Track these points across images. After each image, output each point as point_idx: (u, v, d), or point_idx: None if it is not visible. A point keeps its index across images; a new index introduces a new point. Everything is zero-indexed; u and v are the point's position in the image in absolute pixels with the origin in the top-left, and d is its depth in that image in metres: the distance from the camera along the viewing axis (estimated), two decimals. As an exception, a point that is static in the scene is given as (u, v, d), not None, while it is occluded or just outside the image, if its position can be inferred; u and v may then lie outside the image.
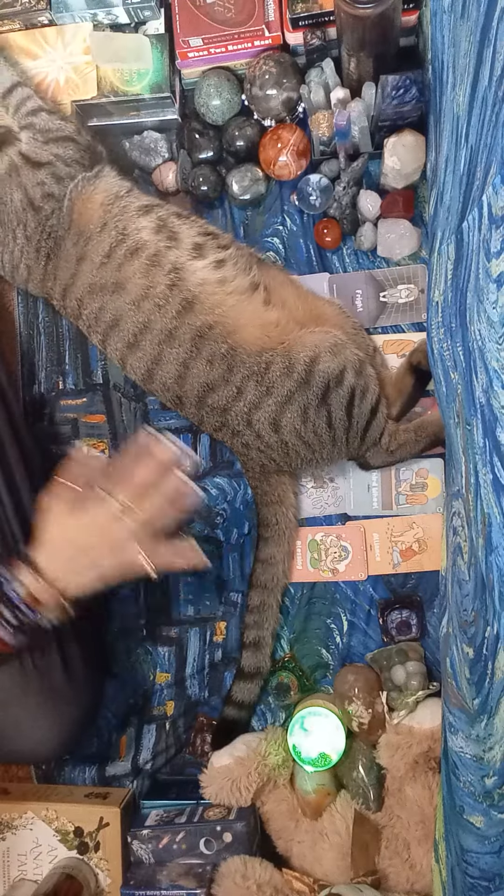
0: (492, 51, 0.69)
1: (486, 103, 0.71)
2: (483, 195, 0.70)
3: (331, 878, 1.10)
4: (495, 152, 0.66)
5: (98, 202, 1.09)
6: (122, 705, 1.26)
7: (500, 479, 0.71)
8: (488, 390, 0.72)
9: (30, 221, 1.08)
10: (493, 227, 0.66)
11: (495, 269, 0.65)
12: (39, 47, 1.18)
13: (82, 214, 1.09)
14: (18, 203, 1.08)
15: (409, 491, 1.21)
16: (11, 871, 1.19)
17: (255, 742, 1.16)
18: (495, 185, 0.64)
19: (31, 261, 1.11)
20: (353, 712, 1.13)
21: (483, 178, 0.71)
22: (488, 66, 0.70)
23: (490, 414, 0.72)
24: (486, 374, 0.73)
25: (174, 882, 1.09)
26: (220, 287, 1.08)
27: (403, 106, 1.06)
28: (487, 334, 0.70)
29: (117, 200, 1.10)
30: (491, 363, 0.70)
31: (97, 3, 1.15)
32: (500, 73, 0.66)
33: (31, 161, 1.06)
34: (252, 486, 1.19)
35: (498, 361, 0.68)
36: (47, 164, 1.05)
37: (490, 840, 0.84)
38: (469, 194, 0.80)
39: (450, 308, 0.90)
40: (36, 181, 1.07)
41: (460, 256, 0.83)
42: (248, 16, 1.14)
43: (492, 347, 0.69)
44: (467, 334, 0.79)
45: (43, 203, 1.07)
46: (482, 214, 0.70)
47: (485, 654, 0.80)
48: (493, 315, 0.67)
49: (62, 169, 1.05)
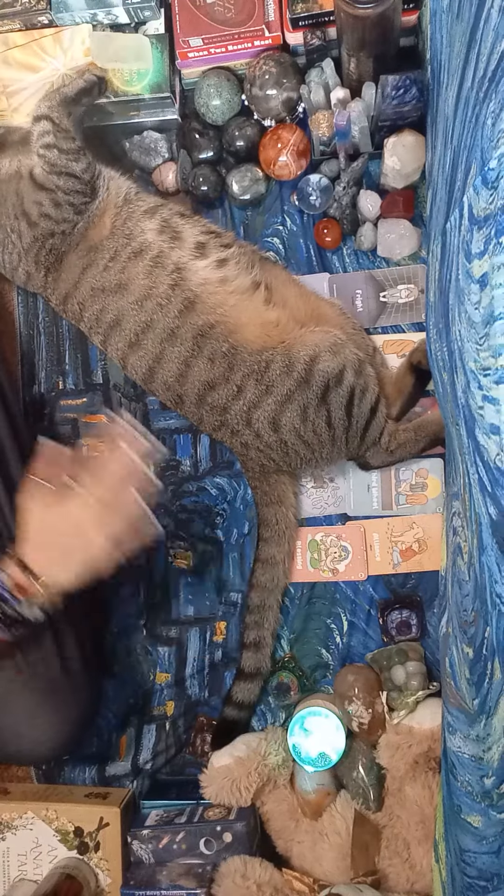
0: (476, 52, 0.69)
1: (468, 104, 0.72)
2: (464, 196, 0.69)
3: (331, 878, 1.10)
4: (475, 153, 0.66)
5: (109, 217, 1.11)
6: (122, 705, 1.26)
7: (483, 480, 0.71)
8: (466, 391, 0.72)
9: (25, 233, 1.10)
10: (473, 228, 0.66)
11: (477, 270, 0.65)
12: (40, 59, 1.18)
13: (93, 231, 1.10)
14: (11, 208, 1.10)
15: (409, 491, 1.21)
16: (11, 871, 1.19)
17: (255, 742, 1.16)
18: (476, 186, 0.64)
19: (30, 268, 1.12)
20: (353, 712, 1.13)
21: (464, 179, 0.71)
22: (472, 66, 0.70)
23: (469, 415, 0.72)
24: (464, 375, 0.73)
25: (174, 882, 1.09)
26: (221, 286, 1.08)
27: (403, 106, 1.06)
28: (467, 335, 0.70)
29: (125, 206, 1.11)
30: (468, 364, 0.70)
31: (97, 3, 1.15)
32: (482, 73, 0.66)
33: (36, 182, 1.09)
34: (252, 486, 1.19)
35: (475, 362, 0.68)
36: (50, 190, 1.08)
37: (488, 840, 0.84)
38: (452, 195, 0.80)
39: (439, 309, 0.90)
40: (34, 199, 1.09)
41: (444, 257, 0.83)
42: (248, 16, 1.14)
43: (469, 348, 0.69)
44: (450, 335, 0.80)
45: (39, 221, 1.09)
46: (462, 215, 0.70)
47: (484, 655, 0.80)
48: (474, 315, 0.67)
49: (62, 197, 1.08)
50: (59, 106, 1.08)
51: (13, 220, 1.10)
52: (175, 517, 1.26)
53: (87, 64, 1.17)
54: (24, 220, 1.09)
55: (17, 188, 1.10)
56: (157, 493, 0.95)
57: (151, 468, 0.95)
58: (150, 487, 0.94)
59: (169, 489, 1.25)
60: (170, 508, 1.25)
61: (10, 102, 1.19)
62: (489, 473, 0.69)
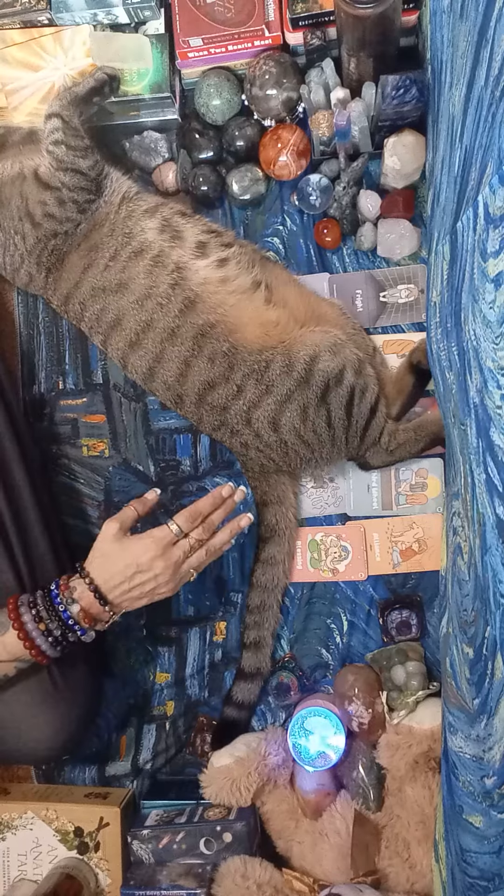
0: (489, 51, 0.69)
1: (482, 103, 0.71)
2: (479, 195, 0.69)
3: (331, 878, 1.10)
4: (492, 152, 0.66)
5: (111, 214, 1.11)
6: (122, 705, 1.26)
7: (492, 480, 0.71)
8: (482, 390, 0.72)
9: (28, 235, 1.10)
10: (490, 227, 0.66)
11: (493, 269, 0.65)
12: (39, 58, 1.18)
13: (95, 230, 1.10)
14: (15, 210, 1.09)
15: (408, 491, 1.21)
16: (11, 871, 1.19)
17: (255, 742, 1.16)
18: (492, 185, 0.64)
19: (32, 269, 1.13)
20: (354, 712, 1.13)
21: (478, 178, 0.71)
22: (485, 66, 0.70)
23: (484, 414, 0.72)
24: (480, 374, 0.73)
25: (174, 882, 1.09)
26: (222, 286, 1.09)
27: (403, 106, 1.06)
28: (483, 334, 0.70)
29: (123, 203, 1.11)
30: (486, 363, 0.70)
31: (97, 3, 1.15)
32: (497, 73, 0.66)
33: (41, 181, 1.09)
34: (252, 486, 1.19)
35: (494, 361, 0.68)
36: (54, 188, 1.08)
37: (489, 840, 0.84)
38: (463, 195, 0.80)
39: (446, 308, 0.90)
40: (39, 199, 1.09)
41: (455, 257, 0.83)
42: (248, 16, 1.14)
43: (487, 347, 0.69)
44: (462, 334, 0.79)
45: (43, 221, 1.09)
46: (477, 214, 0.70)
47: (485, 654, 0.80)
48: (489, 315, 0.67)
49: (66, 195, 1.08)
50: (69, 104, 1.09)
51: (17, 222, 1.10)
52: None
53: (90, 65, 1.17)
54: (28, 221, 1.09)
55: (20, 190, 1.09)
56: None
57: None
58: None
59: (169, 489, 1.25)
60: (170, 508, 1.25)
61: (10, 101, 1.19)
62: (501, 473, 0.69)
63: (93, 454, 1.28)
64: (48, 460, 1.28)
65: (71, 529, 1.26)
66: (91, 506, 1.28)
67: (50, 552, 1.10)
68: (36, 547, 1.09)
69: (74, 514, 1.28)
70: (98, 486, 1.28)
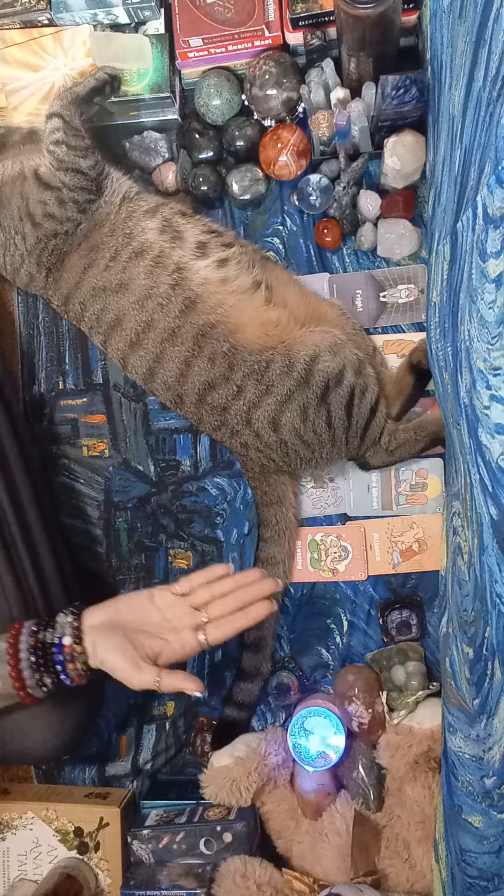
0: (487, 51, 0.69)
1: (481, 103, 0.71)
2: (477, 196, 0.70)
3: (331, 878, 1.10)
4: (489, 152, 0.66)
5: (111, 214, 1.11)
6: (122, 705, 1.26)
7: (484, 480, 0.71)
8: (471, 390, 0.72)
9: (28, 235, 1.10)
10: (489, 228, 0.66)
11: (493, 269, 0.65)
12: (39, 58, 1.18)
13: (96, 230, 1.11)
14: (16, 210, 1.10)
15: (408, 491, 1.21)
16: (11, 871, 1.19)
17: (255, 742, 1.16)
18: (490, 185, 0.64)
19: (32, 269, 1.13)
20: (354, 712, 1.13)
21: (477, 178, 0.71)
22: (483, 66, 0.70)
23: (473, 414, 0.72)
24: (469, 374, 0.73)
25: (174, 882, 1.09)
26: (222, 286, 1.09)
27: (403, 106, 1.06)
28: (477, 334, 0.70)
29: (124, 203, 1.11)
30: (476, 363, 0.70)
31: (97, 3, 1.15)
32: (494, 73, 0.66)
33: (41, 181, 1.09)
34: (252, 486, 1.19)
35: (485, 362, 0.68)
36: (55, 188, 1.08)
37: (489, 840, 0.84)
38: (463, 195, 0.80)
39: (445, 308, 0.90)
40: (39, 199, 1.09)
41: (455, 257, 0.83)
42: (248, 16, 1.14)
43: (479, 347, 0.69)
44: (457, 334, 0.80)
45: (43, 221, 1.09)
46: (476, 215, 0.70)
47: (485, 655, 0.80)
48: (487, 315, 0.67)
49: (66, 195, 1.08)
50: (70, 104, 1.09)
51: (17, 222, 1.10)
52: (175, 517, 1.26)
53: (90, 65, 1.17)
54: (29, 221, 1.09)
55: (21, 190, 1.10)
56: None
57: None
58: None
59: (169, 489, 1.25)
60: (170, 508, 1.25)
61: (10, 101, 1.19)
62: (490, 473, 0.69)
63: (93, 454, 1.28)
64: (48, 460, 1.28)
65: (71, 529, 1.26)
66: (91, 506, 1.28)
67: (50, 552, 1.10)
68: (37, 547, 1.09)
69: (74, 514, 1.28)
70: (98, 486, 1.28)
